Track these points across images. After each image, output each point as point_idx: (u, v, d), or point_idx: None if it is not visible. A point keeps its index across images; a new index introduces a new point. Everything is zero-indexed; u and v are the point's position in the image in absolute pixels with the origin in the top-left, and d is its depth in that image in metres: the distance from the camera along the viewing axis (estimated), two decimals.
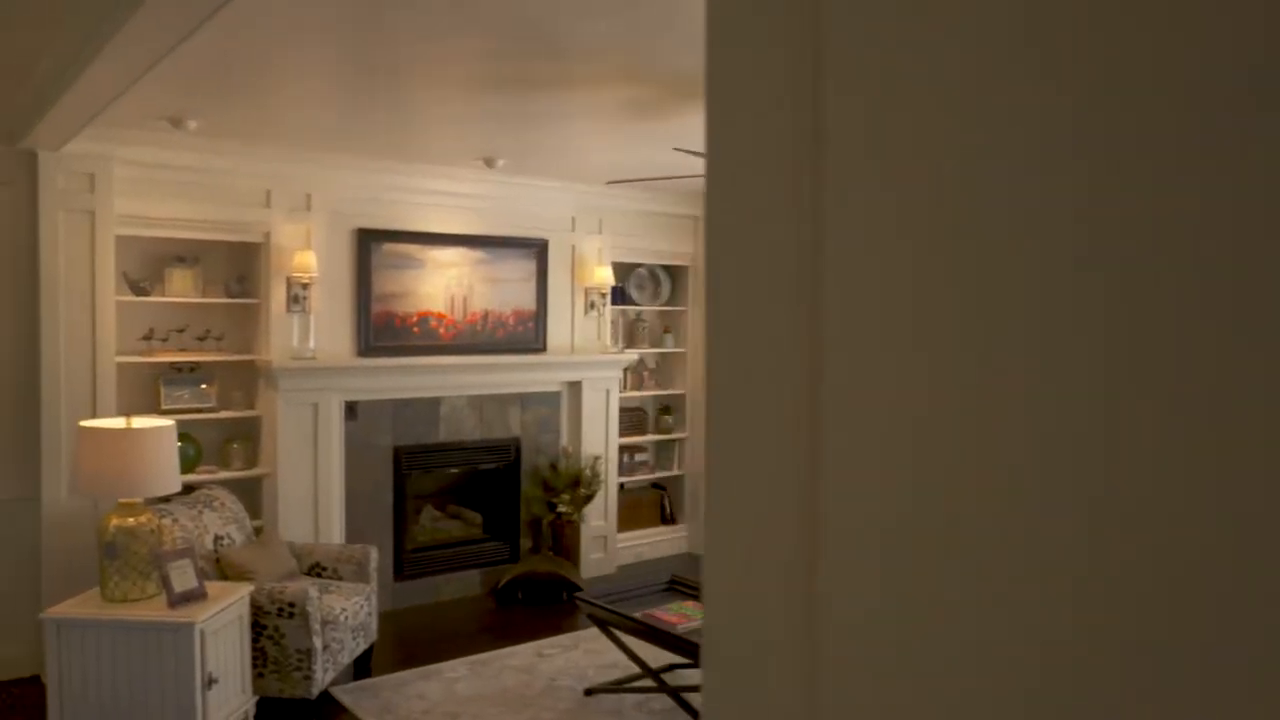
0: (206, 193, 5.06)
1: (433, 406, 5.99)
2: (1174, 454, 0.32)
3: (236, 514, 4.78)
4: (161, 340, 5.17)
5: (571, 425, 6.66)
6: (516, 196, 6.24)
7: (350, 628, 4.54)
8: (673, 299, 7.55)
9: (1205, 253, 0.31)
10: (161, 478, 3.76)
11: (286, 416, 5.32)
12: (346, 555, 4.86)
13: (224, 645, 3.89)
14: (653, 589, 4.80)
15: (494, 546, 6.39)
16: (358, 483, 5.69)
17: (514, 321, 6.31)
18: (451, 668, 4.89)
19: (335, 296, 5.56)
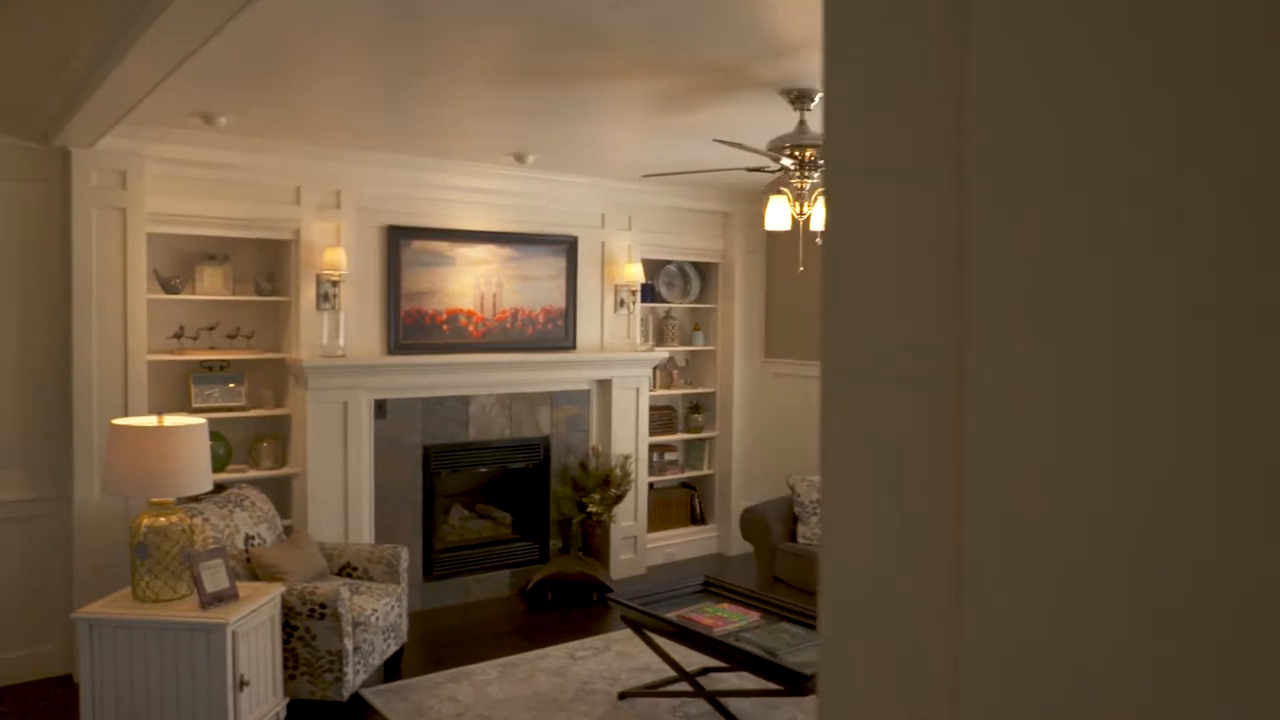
0: (237, 190, 5.04)
1: (462, 405, 5.94)
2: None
3: (267, 513, 4.75)
4: (192, 338, 5.15)
5: (601, 424, 6.59)
6: (546, 193, 6.18)
7: (381, 629, 4.50)
8: (702, 296, 7.46)
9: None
10: (193, 477, 3.72)
11: (316, 415, 5.29)
12: (377, 555, 4.82)
13: (255, 646, 3.85)
14: (686, 590, 4.72)
15: (523, 546, 6.34)
16: (387, 482, 5.65)
17: (543, 319, 6.25)
18: (482, 670, 4.83)
19: (365, 294, 5.52)
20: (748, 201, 7.22)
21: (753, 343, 7.37)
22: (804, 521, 5.59)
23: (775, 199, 3.76)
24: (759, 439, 7.41)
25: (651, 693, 4.44)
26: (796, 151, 3.60)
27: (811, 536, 5.53)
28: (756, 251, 7.37)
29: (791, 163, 3.62)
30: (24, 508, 4.58)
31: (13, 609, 4.57)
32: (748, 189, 6.99)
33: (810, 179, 3.68)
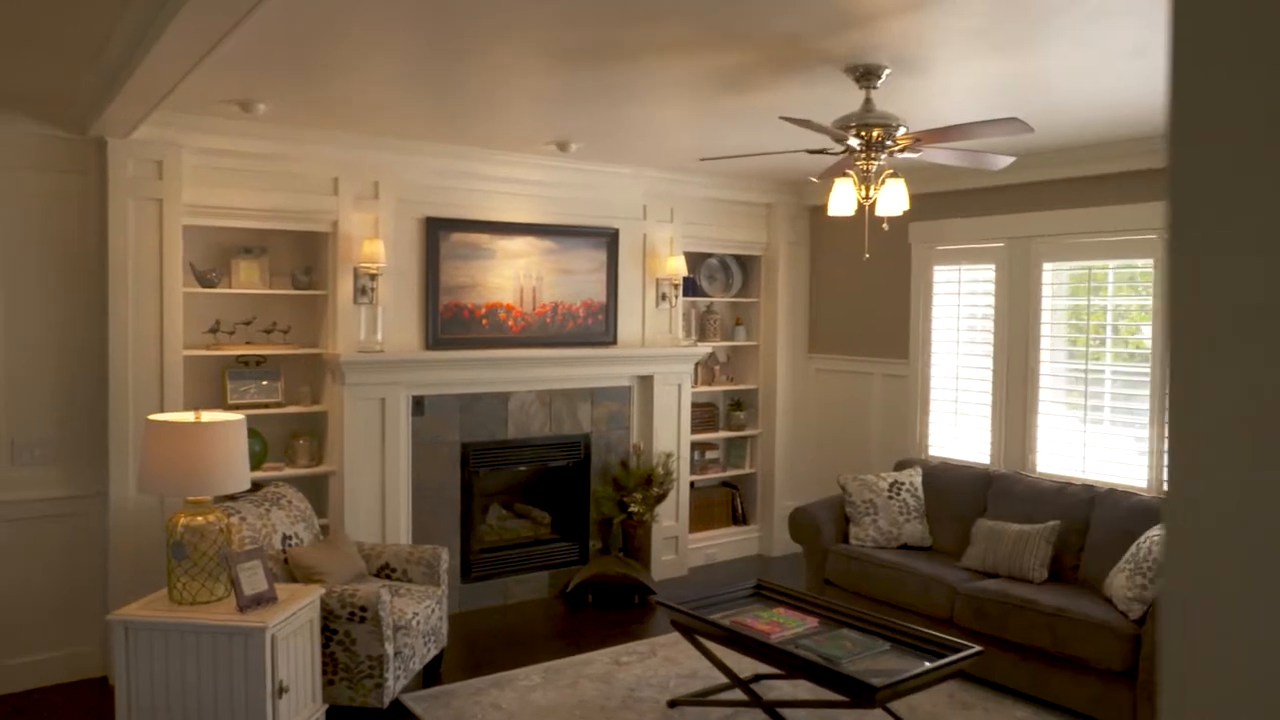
0: (273, 181, 4.92)
1: (501, 402, 5.79)
2: None
3: (304, 512, 4.62)
4: (228, 333, 5.03)
5: (642, 421, 6.42)
6: (587, 184, 6.01)
7: (421, 633, 4.35)
8: (744, 290, 7.26)
9: None
10: (231, 474, 3.59)
11: (353, 411, 5.16)
12: (416, 556, 4.67)
13: (294, 651, 3.71)
14: (737, 594, 4.53)
15: (563, 547, 6.18)
16: (425, 480, 5.51)
17: (584, 313, 6.08)
18: (525, 675, 4.67)
19: (403, 288, 5.38)
20: (791, 193, 7.02)
21: (796, 338, 7.17)
22: (856, 522, 5.38)
23: (841, 182, 3.56)
24: (803, 437, 7.21)
25: (702, 701, 4.26)
26: (863, 131, 3.39)
27: (865, 538, 5.32)
28: (800, 243, 7.16)
29: (858, 143, 3.42)
30: (60, 505, 4.49)
31: (48, 609, 4.48)
32: (791, 179, 6.78)
33: (877, 160, 3.48)
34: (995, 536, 4.83)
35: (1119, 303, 5.30)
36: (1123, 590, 4.12)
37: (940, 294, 6.25)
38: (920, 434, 6.34)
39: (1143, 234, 5.14)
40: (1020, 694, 4.41)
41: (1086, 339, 5.42)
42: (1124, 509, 4.63)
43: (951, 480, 5.45)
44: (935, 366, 6.27)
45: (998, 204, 5.87)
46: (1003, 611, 4.37)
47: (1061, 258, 5.54)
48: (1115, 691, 3.97)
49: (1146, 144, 4.95)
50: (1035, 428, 5.66)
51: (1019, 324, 5.73)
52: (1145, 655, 3.86)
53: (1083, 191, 5.43)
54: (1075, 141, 5.17)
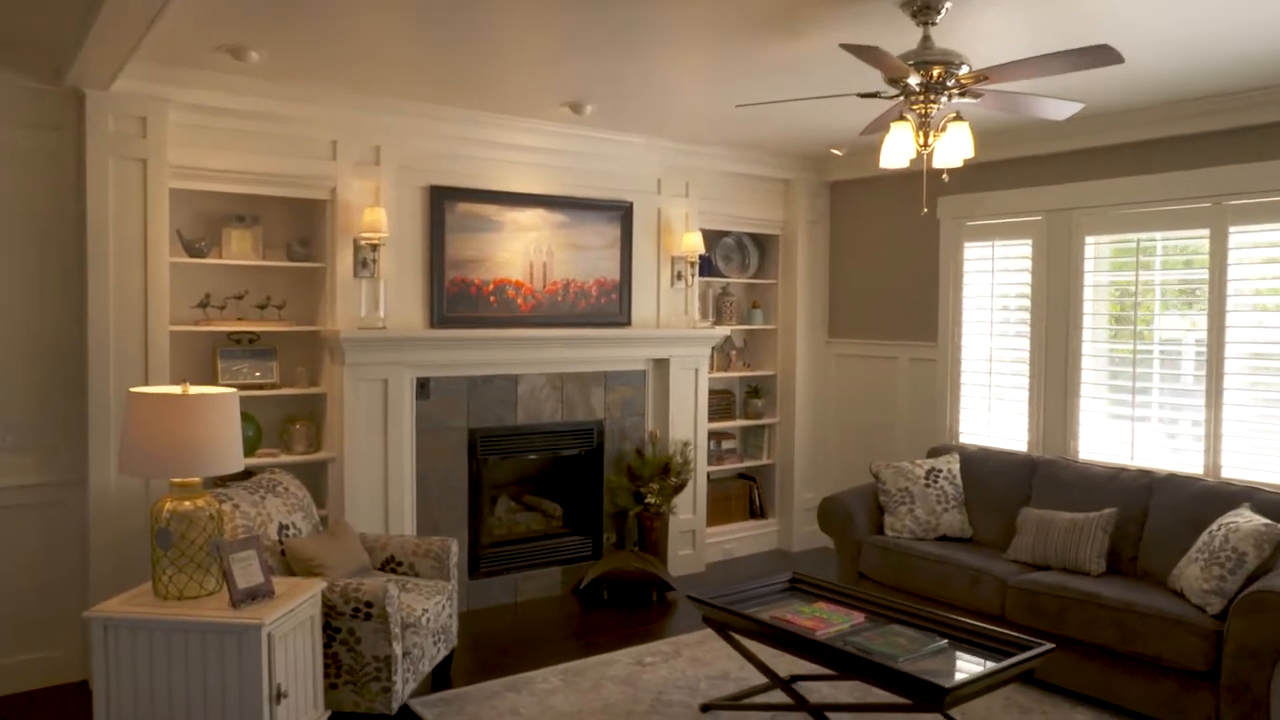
0: (267, 142, 4.54)
1: (510, 385, 5.43)
2: None
3: (302, 501, 4.25)
4: (218, 308, 4.66)
5: (658, 408, 6.06)
6: (599, 153, 5.66)
7: (431, 631, 3.99)
8: (761, 271, 6.92)
9: None
10: (223, 454, 3.22)
11: (354, 394, 4.79)
12: (424, 549, 4.31)
13: (294, 651, 3.34)
14: (772, 589, 4.19)
15: (575, 541, 5.82)
16: (430, 469, 5.14)
17: (596, 292, 5.73)
18: (543, 678, 4.32)
19: (406, 261, 5.02)
20: (811, 168, 6.68)
21: (816, 321, 6.83)
22: (891, 512, 5.04)
23: (897, 127, 3.20)
24: (823, 426, 6.87)
25: (738, 705, 3.92)
26: (923, 69, 3.05)
27: (901, 529, 4.98)
28: (820, 222, 6.82)
29: (918, 81, 3.07)
30: (36, 493, 4.10)
31: (25, 607, 4.10)
32: (811, 154, 6.44)
33: (937, 104, 3.13)
34: (1045, 526, 4.50)
35: (1169, 277, 4.98)
36: (1197, 583, 3.79)
37: (972, 272, 5.92)
38: (951, 421, 6.01)
39: (1197, 203, 4.82)
40: (1082, 696, 4.08)
41: (1135, 317, 5.09)
42: (1188, 495, 4.30)
43: (992, 467, 5.11)
44: (967, 349, 5.94)
45: (1035, 175, 5.54)
46: (1061, 606, 4.04)
47: (1106, 230, 5.22)
48: (1194, 695, 3.63)
49: (1207, 103, 4.62)
50: (1078, 412, 5.33)
51: (1059, 302, 5.40)
52: (1230, 654, 3.52)
53: (1131, 158, 5.10)
54: (1123, 104, 4.84)
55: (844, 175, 6.59)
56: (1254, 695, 3.46)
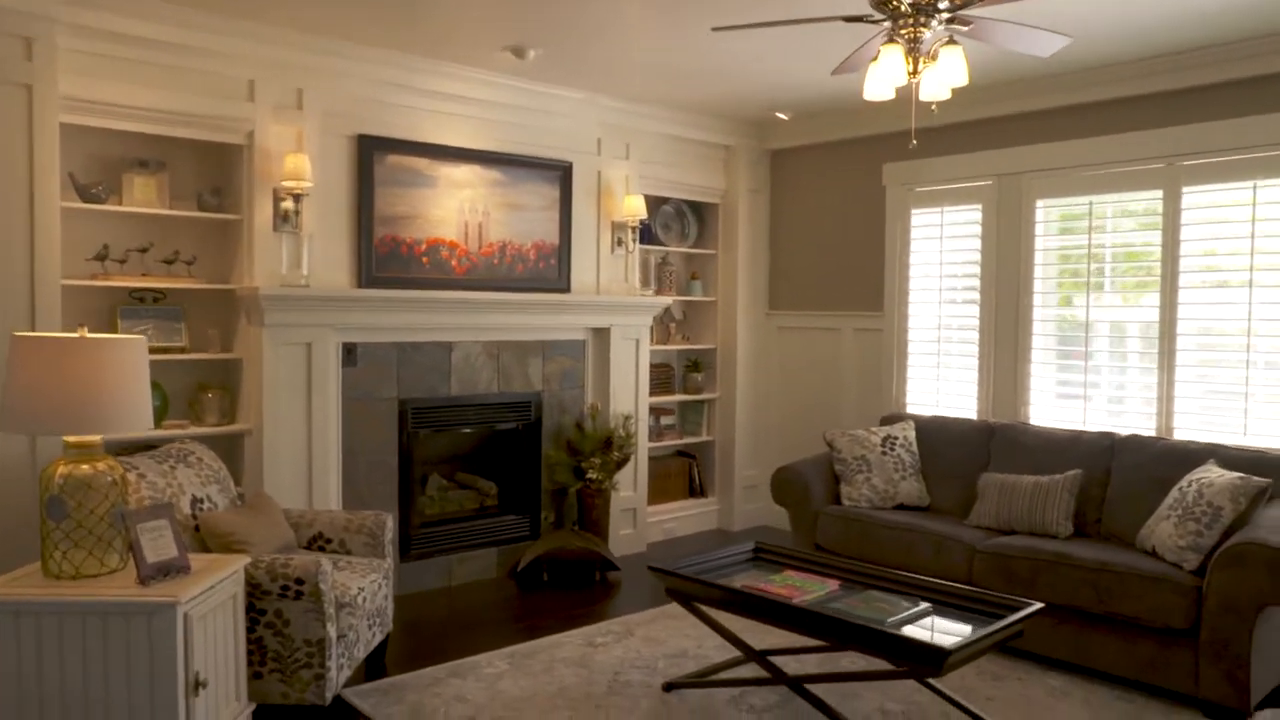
0: (175, 77, 4.07)
1: (443, 353, 5.05)
2: None
3: (217, 473, 3.81)
4: (119, 262, 4.16)
5: (598, 380, 5.77)
6: (539, 108, 5.33)
7: (367, 613, 3.61)
8: (700, 241, 6.69)
9: None
10: (129, 409, 2.78)
11: (274, 359, 4.35)
12: (356, 524, 3.91)
13: (214, 635, 2.93)
14: (734, 559, 3.94)
15: (512, 520, 5.48)
16: (358, 442, 4.73)
17: (535, 256, 5.39)
18: (488, 662, 3.97)
19: (331, 216, 4.60)
20: (753, 135, 6.48)
21: (756, 294, 6.63)
22: (848, 481, 4.86)
23: (887, 51, 2.98)
24: (764, 401, 6.68)
25: (703, 682, 3.65)
26: None
27: (858, 498, 4.80)
28: (761, 191, 6.63)
29: (909, 1, 2.86)
30: None
31: None
32: (753, 119, 6.24)
33: (928, 28, 2.93)
34: (1009, 490, 4.38)
35: (1121, 240, 4.94)
36: (1171, 539, 3.70)
37: (919, 239, 5.80)
38: (898, 391, 5.88)
39: (1150, 164, 4.78)
40: (1055, 662, 3.96)
41: (1087, 282, 5.04)
42: (1151, 455, 4.23)
43: (948, 434, 4.99)
44: (914, 318, 5.82)
45: (985, 138, 5.45)
46: (1033, 569, 3.90)
47: (1057, 194, 5.15)
48: (1174, 653, 3.54)
49: (1159, 63, 4.58)
50: (1028, 379, 5.26)
51: (1009, 268, 5.32)
52: (1211, 609, 3.43)
53: (1083, 120, 5.04)
54: (1075, 65, 4.77)
55: (785, 143, 6.41)
56: (1234, 651, 3.38)
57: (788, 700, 3.58)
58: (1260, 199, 4.45)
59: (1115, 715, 3.48)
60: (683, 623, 4.49)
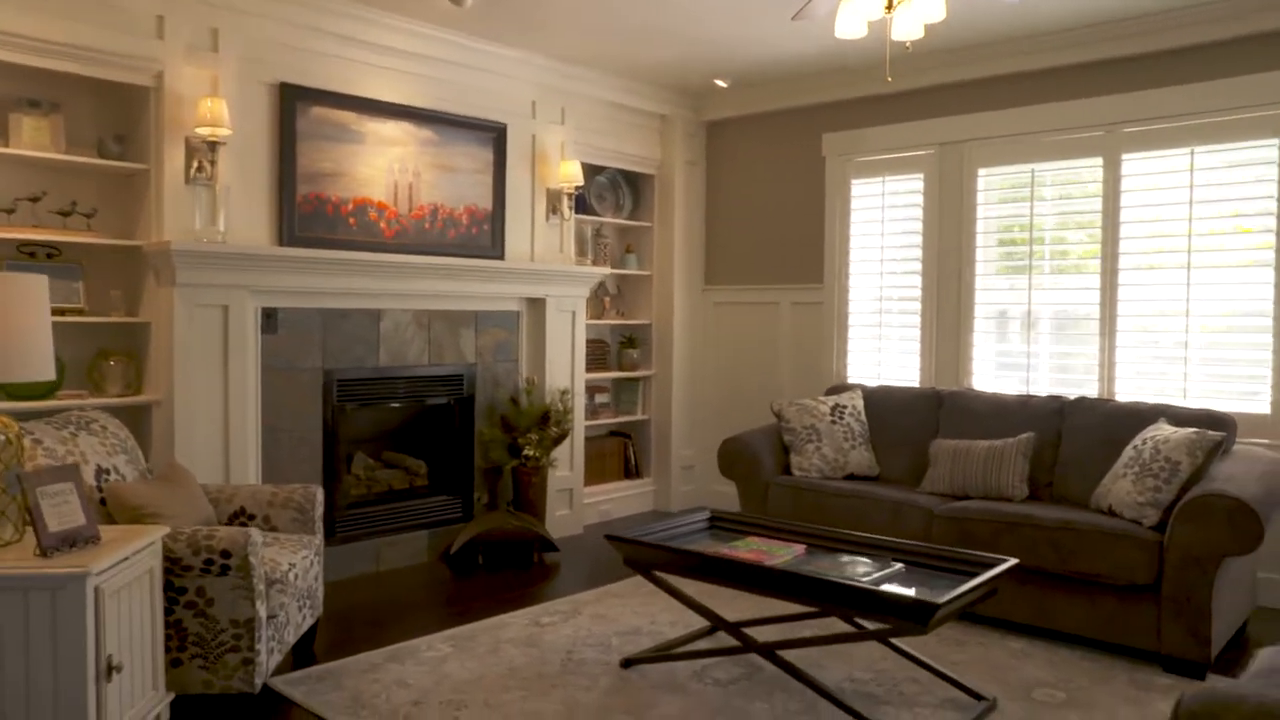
0: (72, 6, 3.66)
1: (371, 322, 4.73)
2: None
3: (124, 442, 3.43)
4: (6, 211, 3.72)
5: (533, 353, 5.52)
6: (473, 65, 5.06)
7: (298, 593, 3.29)
8: (635, 213, 6.50)
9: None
10: (28, 354, 2.43)
11: (186, 323, 3.97)
12: (283, 499, 3.58)
13: (127, 615, 2.59)
14: (690, 527, 3.77)
15: (443, 501, 5.18)
16: (279, 416, 4.38)
17: (467, 221, 5.11)
18: (429, 645, 3.70)
19: (250, 170, 4.23)
20: (688, 105, 6.32)
21: (693, 268, 6.48)
22: (798, 451, 4.74)
23: None
24: (701, 378, 6.53)
25: (663, 656, 3.46)
26: None
27: (809, 467, 4.69)
28: (698, 163, 6.48)
29: None
30: None
31: None
32: (690, 88, 6.09)
33: None
34: (962, 455, 4.32)
35: (1062, 207, 4.95)
36: (1130, 496, 3.68)
37: (860, 209, 5.73)
38: (838, 364, 5.81)
39: (1090, 131, 4.81)
40: (1017, 625, 3.90)
41: (1029, 250, 5.04)
42: (1100, 416, 4.23)
43: (896, 403, 4.92)
44: (855, 290, 5.76)
45: (926, 107, 5.41)
46: (994, 531, 3.84)
47: (999, 162, 5.14)
48: (1135, 610, 3.51)
49: (1099, 31, 4.60)
50: (971, 348, 5.24)
51: (951, 237, 5.29)
52: (1173, 563, 3.41)
53: (1024, 88, 5.04)
54: (1017, 32, 4.77)
55: (722, 114, 6.27)
56: (1196, 603, 3.37)
57: (752, 672, 3.41)
58: (1197, 165, 4.51)
59: (1079, 673, 3.43)
60: (631, 600, 4.30)
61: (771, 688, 3.27)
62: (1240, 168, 4.41)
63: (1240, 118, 4.39)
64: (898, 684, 3.32)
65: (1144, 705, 3.17)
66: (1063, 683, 3.36)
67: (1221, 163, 4.45)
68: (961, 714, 3.06)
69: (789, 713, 3.07)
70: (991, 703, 3.12)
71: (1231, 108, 4.40)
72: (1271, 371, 4.33)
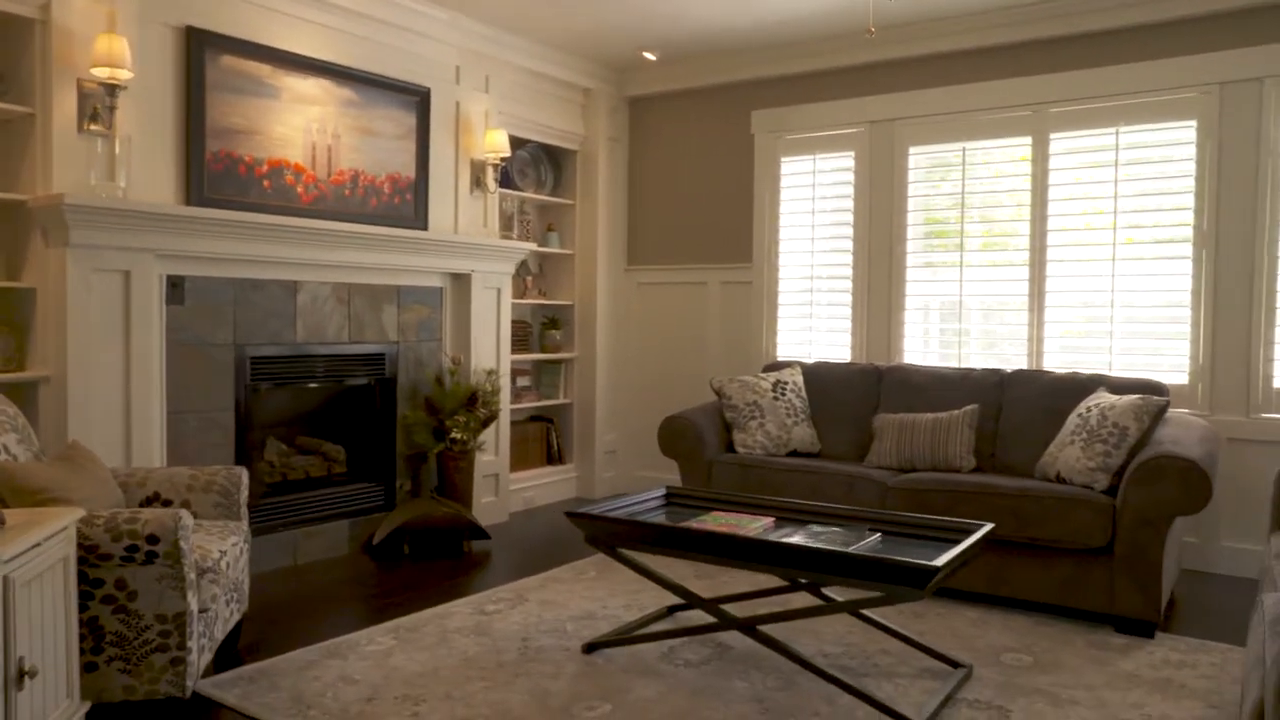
0: None
1: (287, 295, 4.36)
2: None
3: (14, 420, 3.00)
4: None
5: (458, 332, 5.23)
6: (398, 23, 4.74)
7: (228, 584, 2.95)
8: (557, 190, 6.28)
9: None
10: None
11: (81, 289, 3.53)
12: (204, 482, 3.22)
13: (40, 610, 2.23)
14: (647, 504, 3.60)
15: (364, 489, 4.84)
16: (187, 396, 3.97)
17: (389, 190, 4.79)
18: (369, 639, 3.40)
19: (153, 120, 3.81)
20: (612, 80, 6.14)
21: (616, 247, 6.31)
22: (741, 429, 4.63)
23: None
24: (625, 361, 6.36)
25: (626, 639, 3.27)
26: None
27: (754, 444, 4.58)
28: (620, 140, 6.31)
29: None
30: None
31: None
32: (614, 61, 5.91)
33: None
34: (908, 428, 4.30)
35: (993, 185, 5.01)
36: (1080, 462, 3.71)
37: (791, 187, 5.68)
38: (768, 344, 5.74)
39: (1018, 111, 4.88)
40: (971, 595, 3.90)
41: (961, 228, 5.08)
42: (1040, 387, 4.29)
43: (836, 378, 4.87)
44: (785, 268, 5.70)
45: (857, 85, 5.40)
46: (950, 501, 3.82)
47: (929, 141, 5.17)
48: (1090, 571, 3.54)
49: (1028, 11, 4.66)
50: (903, 325, 5.26)
51: (882, 215, 5.30)
52: (1126, 525, 3.45)
53: (953, 67, 5.09)
54: (946, 12, 4.80)
55: (646, 89, 6.11)
56: (1148, 561, 3.43)
57: (721, 651, 3.27)
58: (1122, 144, 4.63)
59: (1039, 637, 3.44)
60: (576, 585, 4.09)
61: (744, 665, 3.14)
62: (1162, 147, 4.55)
63: (1162, 99, 4.53)
64: (870, 656, 3.24)
65: (1107, 664, 3.19)
66: (1026, 647, 3.35)
67: (1145, 142, 4.58)
68: (941, 682, 3.00)
69: (769, 689, 2.94)
70: (969, 669, 3.07)
71: (1154, 89, 4.53)
72: (1189, 344, 4.48)
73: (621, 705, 2.82)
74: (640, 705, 2.82)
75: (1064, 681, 3.04)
